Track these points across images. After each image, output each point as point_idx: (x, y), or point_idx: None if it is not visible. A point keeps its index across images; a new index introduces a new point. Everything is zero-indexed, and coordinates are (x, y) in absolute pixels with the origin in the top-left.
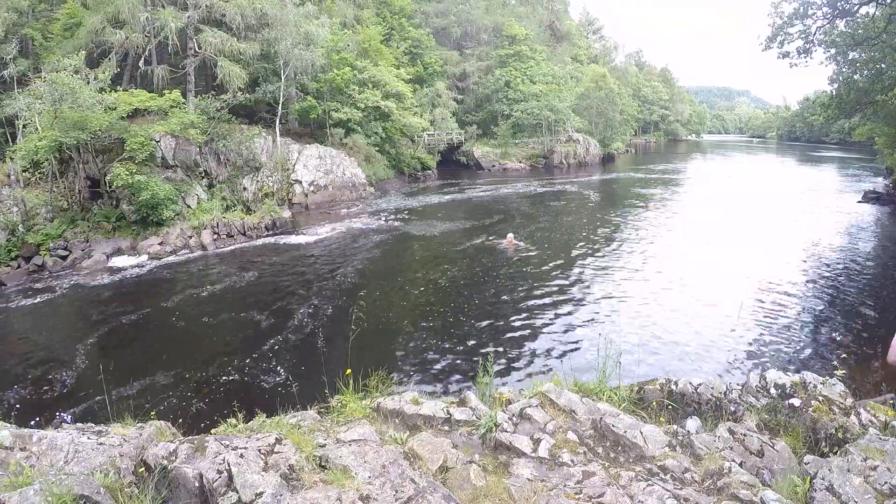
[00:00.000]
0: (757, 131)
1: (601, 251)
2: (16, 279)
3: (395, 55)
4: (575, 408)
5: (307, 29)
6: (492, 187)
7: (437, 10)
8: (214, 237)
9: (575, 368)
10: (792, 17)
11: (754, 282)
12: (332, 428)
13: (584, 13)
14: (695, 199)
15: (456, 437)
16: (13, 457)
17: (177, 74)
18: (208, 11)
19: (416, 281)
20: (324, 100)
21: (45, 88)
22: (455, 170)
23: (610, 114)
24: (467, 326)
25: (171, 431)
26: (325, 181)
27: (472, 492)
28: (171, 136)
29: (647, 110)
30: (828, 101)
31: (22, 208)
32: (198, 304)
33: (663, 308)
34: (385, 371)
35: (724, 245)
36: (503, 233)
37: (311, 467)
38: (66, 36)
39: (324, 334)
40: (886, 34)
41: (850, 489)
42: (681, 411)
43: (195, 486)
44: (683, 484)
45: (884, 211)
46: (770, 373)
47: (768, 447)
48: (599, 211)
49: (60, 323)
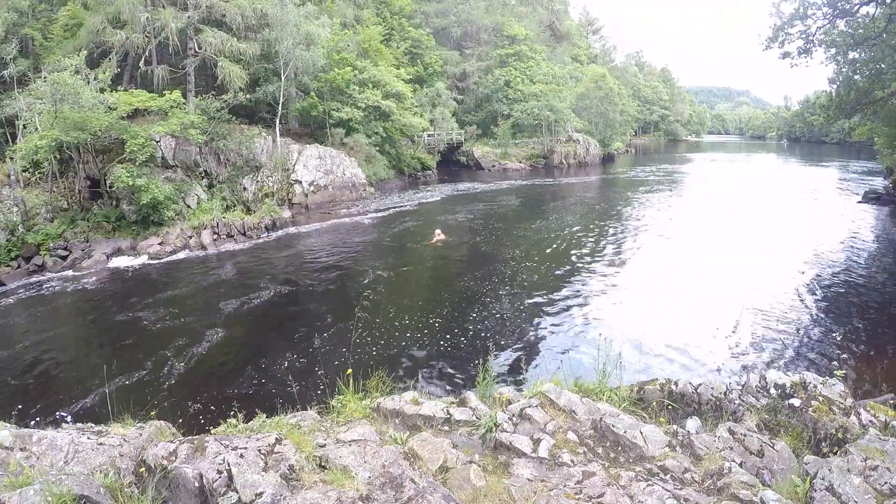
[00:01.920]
0: (757, 131)
1: (601, 251)
2: (16, 279)
3: (395, 55)
4: (575, 408)
5: (307, 29)
6: (492, 187)
7: (437, 10)
8: (214, 237)
9: (575, 368)
10: (792, 17)
11: (754, 282)
12: (332, 428)
13: (584, 13)
14: (695, 199)
15: (456, 438)
16: (13, 457)
17: (177, 74)
18: (208, 11)
19: (416, 281)
20: (324, 100)
21: (45, 88)
22: (455, 170)
23: (610, 114)
24: (467, 326)
25: (171, 431)
26: (325, 181)
27: (472, 492)
28: (171, 136)
29: (647, 110)
30: (828, 101)
31: (22, 208)
32: (198, 305)
33: (663, 308)
34: (385, 371)
35: (724, 245)
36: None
37: (311, 467)
38: (67, 36)
39: (324, 334)
40: (886, 34)
41: (850, 489)
42: (681, 411)
43: (195, 486)
44: (683, 484)
45: (884, 211)
46: (770, 373)
47: (768, 447)
48: (600, 211)
49: (60, 323)
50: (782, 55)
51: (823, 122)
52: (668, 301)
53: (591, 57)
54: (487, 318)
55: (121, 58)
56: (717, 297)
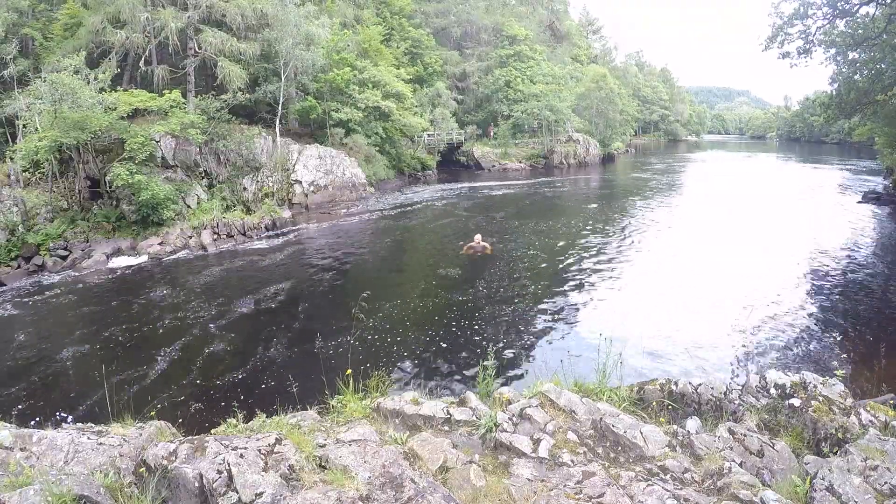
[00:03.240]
0: (757, 131)
1: (601, 251)
2: (16, 279)
3: (395, 55)
4: (575, 408)
5: (307, 29)
6: (492, 187)
7: (437, 10)
8: (214, 237)
9: (575, 368)
10: (792, 17)
11: (754, 281)
12: (332, 428)
13: (584, 13)
14: (695, 199)
15: (456, 438)
16: (13, 457)
17: (177, 74)
18: (208, 11)
19: (416, 281)
20: (324, 100)
21: (45, 88)
22: (455, 170)
23: (610, 114)
24: (467, 326)
25: (171, 431)
26: (325, 181)
27: (472, 492)
28: (171, 136)
29: (647, 110)
30: (828, 101)
31: (22, 208)
32: (198, 305)
33: (664, 308)
34: (385, 371)
35: (724, 245)
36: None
37: (311, 467)
38: (67, 36)
39: (324, 334)
40: (886, 34)
41: (850, 489)
42: (681, 411)
43: (195, 486)
44: (683, 484)
45: (884, 211)
46: (770, 373)
47: (768, 447)
48: (600, 211)
49: (60, 323)
50: (782, 55)
51: (823, 122)
52: (668, 301)
53: (591, 57)
54: (487, 318)
55: (121, 58)
56: (718, 297)
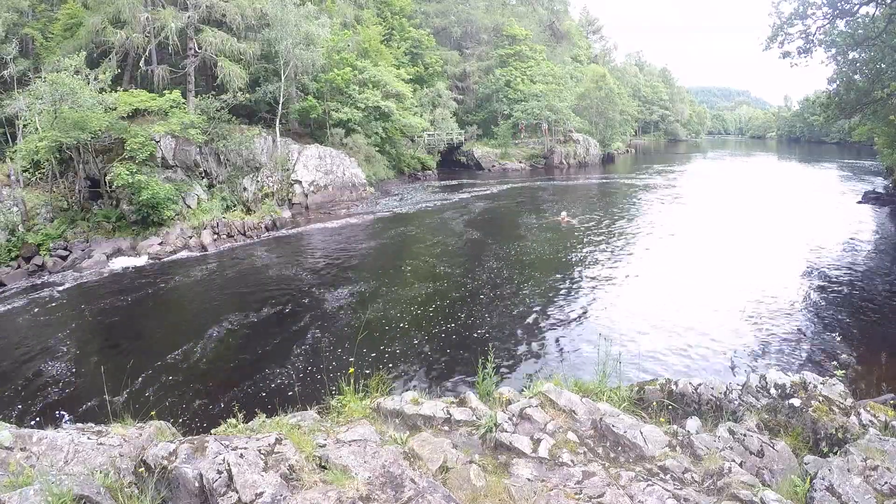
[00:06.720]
0: (757, 132)
1: (601, 251)
2: (16, 279)
3: (396, 55)
4: (575, 408)
5: (307, 29)
6: (492, 187)
7: (437, 10)
8: (214, 237)
9: (575, 368)
10: (792, 17)
11: (754, 281)
12: (333, 428)
13: (584, 13)
14: (695, 199)
15: (456, 437)
16: (13, 457)
17: (177, 74)
18: (208, 11)
19: (416, 281)
20: (324, 100)
21: (45, 88)
22: (455, 170)
23: (610, 114)
24: (467, 326)
25: (171, 431)
26: (325, 181)
27: (472, 492)
28: (171, 136)
29: (647, 110)
30: (828, 101)
31: (22, 208)
32: (198, 305)
33: (664, 308)
34: (385, 371)
35: (724, 245)
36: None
37: (311, 467)
38: (67, 36)
39: (324, 335)
40: (886, 34)
41: (850, 489)
42: (681, 411)
43: (195, 486)
44: (683, 484)
45: (884, 211)
46: (770, 373)
47: (768, 447)
48: (599, 211)
49: (60, 323)
50: (782, 55)
51: (823, 122)
52: (668, 300)
53: (591, 57)
54: (488, 318)
55: (121, 58)
56: (718, 297)
